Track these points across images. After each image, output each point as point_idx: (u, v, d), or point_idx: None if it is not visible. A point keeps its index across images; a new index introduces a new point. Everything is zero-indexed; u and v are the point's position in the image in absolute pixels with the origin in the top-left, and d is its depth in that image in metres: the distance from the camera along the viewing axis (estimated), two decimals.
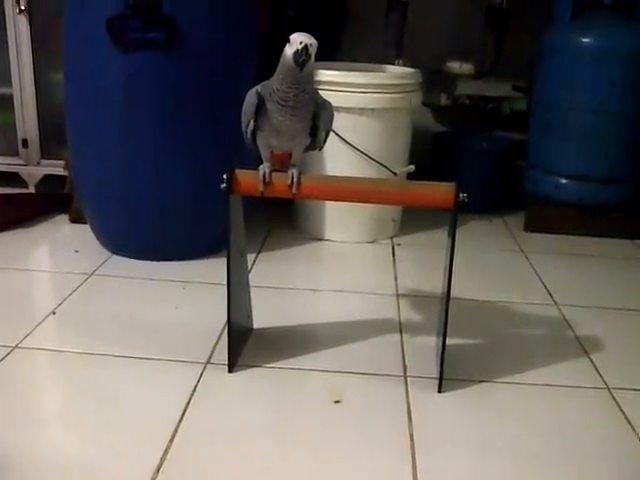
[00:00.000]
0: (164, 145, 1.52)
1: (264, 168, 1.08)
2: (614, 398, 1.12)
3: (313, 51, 0.98)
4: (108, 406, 1.05)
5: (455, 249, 1.06)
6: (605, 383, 1.17)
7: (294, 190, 1.07)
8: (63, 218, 1.89)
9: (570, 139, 1.93)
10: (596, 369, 1.22)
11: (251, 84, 1.07)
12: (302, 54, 0.97)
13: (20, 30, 1.97)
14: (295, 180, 1.07)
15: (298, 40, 0.97)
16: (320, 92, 1.65)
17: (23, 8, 1.94)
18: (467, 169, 2.08)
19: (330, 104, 1.10)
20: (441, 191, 1.06)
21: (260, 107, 1.05)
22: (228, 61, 1.51)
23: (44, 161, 2.11)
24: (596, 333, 1.35)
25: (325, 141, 1.13)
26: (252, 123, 1.07)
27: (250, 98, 1.06)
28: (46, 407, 1.08)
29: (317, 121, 1.09)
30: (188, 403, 1.06)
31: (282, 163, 1.11)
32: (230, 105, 1.11)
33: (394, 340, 1.29)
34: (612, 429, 1.05)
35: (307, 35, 0.99)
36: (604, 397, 1.13)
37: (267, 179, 1.07)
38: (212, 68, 1.50)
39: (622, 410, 1.09)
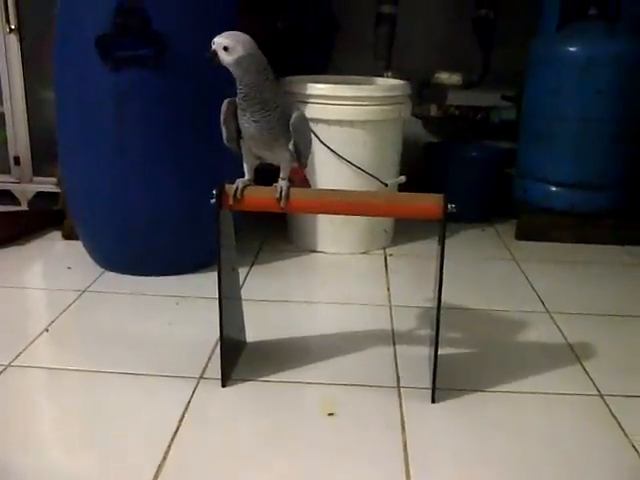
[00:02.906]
0: (155, 161, 1.52)
1: (238, 182, 1.09)
2: (607, 405, 1.13)
3: (220, 50, 1.01)
4: (101, 423, 1.05)
5: (446, 258, 1.07)
6: (598, 390, 1.17)
7: (282, 204, 1.08)
8: (56, 235, 1.90)
9: (559, 147, 1.95)
10: (588, 376, 1.22)
11: None
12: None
13: (10, 49, 1.98)
14: (283, 194, 1.07)
15: None
16: (311, 105, 1.71)
17: (13, 27, 1.95)
18: (458, 179, 2.09)
19: (296, 115, 1.07)
20: (430, 202, 1.07)
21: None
22: (218, 76, 1.51)
23: (36, 178, 2.12)
24: (588, 340, 1.36)
25: (300, 153, 1.10)
26: (224, 130, 1.09)
27: (222, 106, 1.08)
28: (39, 425, 1.07)
29: None
30: (182, 418, 1.06)
31: (298, 179, 1.15)
32: (220, 120, 1.12)
33: (387, 351, 1.30)
34: (605, 436, 1.05)
35: (227, 34, 1.02)
36: (597, 404, 1.13)
37: (238, 195, 1.08)
38: (202, 84, 1.50)
39: (615, 417, 1.09)
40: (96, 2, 1.45)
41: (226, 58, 1.02)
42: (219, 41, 1.02)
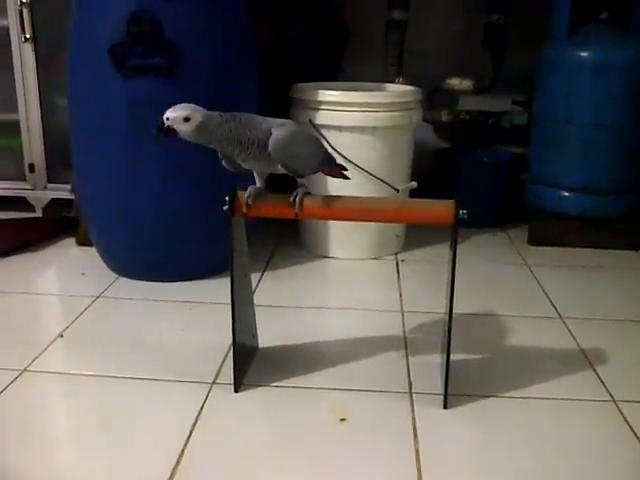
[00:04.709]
0: (168, 168, 1.54)
1: (250, 189, 1.10)
2: (620, 411, 1.12)
3: (178, 124, 1.00)
4: (115, 428, 1.06)
5: (458, 264, 1.07)
6: (611, 396, 1.17)
7: (296, 211, 1.09)
8: (70, 241, 1.91)
9: (571, 152, 1.94)
10: (601, 381, 1.22)
11: (252, 107, 1.09)
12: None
13: (25, 58, 2.00)
14: (297, 201, 1.08)
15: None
16: (322, 111, 1.72)
17: (28, 37, 1.98)
18: (469, 184, 2.10)
19: (272, 140, 1.03)
20: (441, 208, 1.08)
21: None
22: (229, 84, 1.53)
23: (51, 185, 2.13)
24: (601, 345, 1.35)
25: (295, 172, 1.09)
26: (227, 165, 1.12)
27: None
28: (54, 429, 1.08)
29: None
30: (194, 424, 1.06)
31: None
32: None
33: (399, 357, 1.30)
34: (618, 442, 1.05)
35: (177, 107, 1.00)
36: (610, 410, 1.13)
37: (250, 202, 1.09)
38: (214, 92, 1.51)
39: (628, 423, 1.09)
40: (109, 11, 1.47)
41: (187, 128, 1.00)
42: (175, 115, 0.99)
